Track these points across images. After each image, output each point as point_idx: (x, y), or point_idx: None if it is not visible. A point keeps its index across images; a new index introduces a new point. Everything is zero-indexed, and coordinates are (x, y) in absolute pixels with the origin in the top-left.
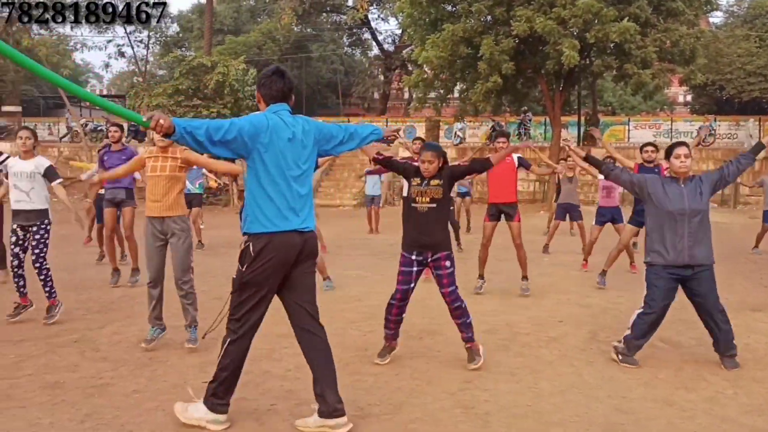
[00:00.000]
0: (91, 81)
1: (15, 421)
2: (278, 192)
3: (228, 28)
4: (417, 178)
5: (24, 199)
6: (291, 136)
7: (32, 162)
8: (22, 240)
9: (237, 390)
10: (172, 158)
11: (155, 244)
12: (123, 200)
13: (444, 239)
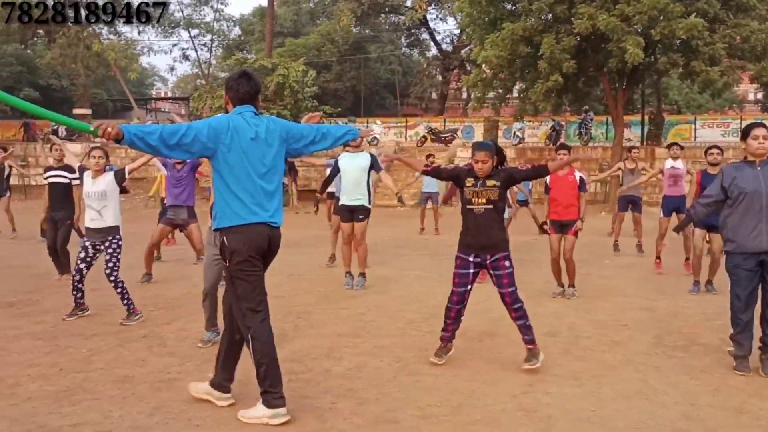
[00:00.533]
0: (156, 84)
1: (89, 413)
2: (244, 189)
3: (288, 30)
4: (471, 178)
5: (96, 217)
6: (254, 135)
7: (102, 180)
8: (90, 257)
9: (298, 388)
10: None
11: (212, 258)
12: (185, 220)
13: (502, 240)
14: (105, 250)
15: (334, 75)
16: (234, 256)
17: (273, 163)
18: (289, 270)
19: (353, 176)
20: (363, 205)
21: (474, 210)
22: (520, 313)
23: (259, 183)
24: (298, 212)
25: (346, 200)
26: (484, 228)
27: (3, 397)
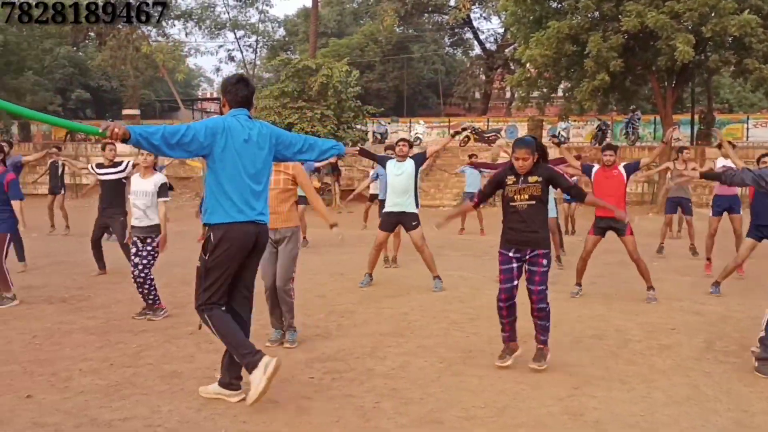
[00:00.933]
0: (202, 84)
1: (138, 407)
2: (235, 188)
3: (332, 30)
4: (512, 176)
5: (141, 216)
6: (247, 137)
7: (151, 181)
8: (141, 250)
9: (341, 387)
10: (284, 172)
11: (269, 254)
12: None
13: (544, 237)
14: (145, 246)
15: (377, 75)
16: (215, 251)
17: (263, 165)
18: (331, 269)
19: (401, 182)
20: (409, 212)
21: (517, 206)
22: (543, 314)
23: (249, 183)
24: (340, 211)
25: (392, 207)
26: (526, 223)
27: (57, 390)
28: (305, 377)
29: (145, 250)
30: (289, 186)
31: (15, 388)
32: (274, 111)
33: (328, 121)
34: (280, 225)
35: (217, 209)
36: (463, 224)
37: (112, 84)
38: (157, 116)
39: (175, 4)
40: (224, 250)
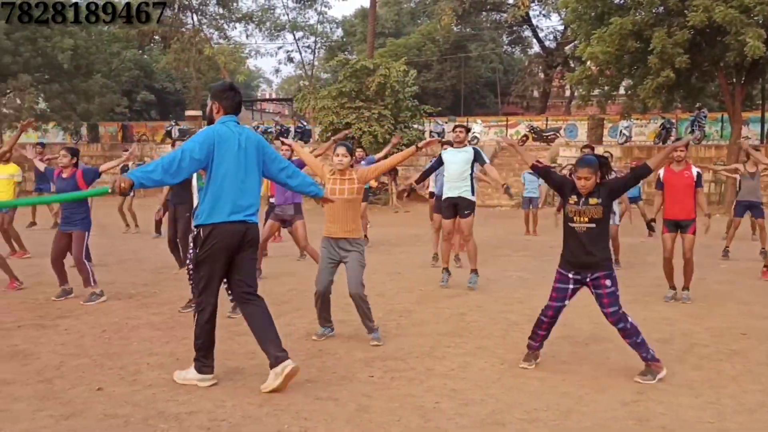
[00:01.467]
0: (261, 85)
1: (203, 401)
2: (228, 191)
3: (389, 30)
4: (574, 195)
5: None
6: (238, 144)
7: None
8: None
9: (401, 386)
10: (349, 180)
11: (328, 263)
12: (292, 216)
13: (604, 259)
14: None
15: (435, 74)
16: (204, 246)
17: (252, 168)
18: (389, 268)
19: (457, 168)
20: (466, 198)
21: (575, 228)
22: (626, 332)
23: (240, 187)
24: (397, 211)
25: (449, 192)
26: (585, 246)
27: (126, 383)
28: (365, 376)
29: None
30: (354, 195)
31: (87, 380)
32: (332, 111)
33: (386, 121)
34: (344, 235)
35: (209, 211)
36: (527, 227)
37: (175, 86)
38: None
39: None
40: (212, 246)
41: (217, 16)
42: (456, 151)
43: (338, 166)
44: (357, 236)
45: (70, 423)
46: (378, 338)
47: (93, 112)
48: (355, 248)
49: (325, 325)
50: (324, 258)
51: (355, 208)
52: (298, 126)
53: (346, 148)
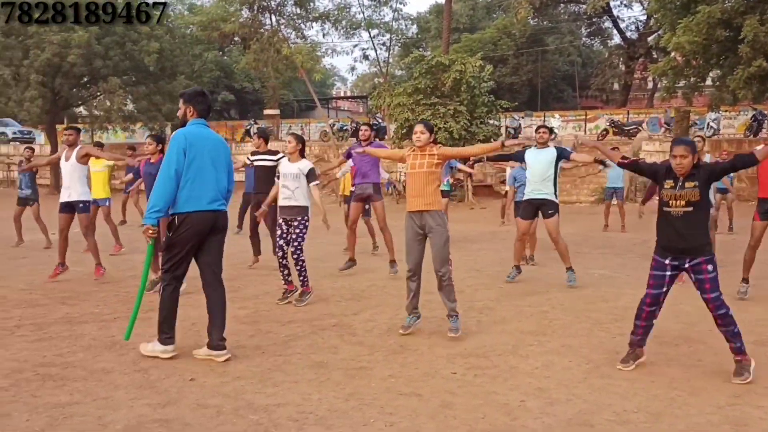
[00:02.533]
0: (336, 84)
1: (290, 394)
2: (199, 184)
3: (464, 26)
4: (670, 180)
5: (290, 196)
6: (209, 145)
7: (297, 164)
8: (285, 233)
9: (484, 383)
10: (429, 155)
11: (415, 238)
12: (371, 195)
13: (704, 243)
14: (293, 229)
15: (511, 69)
16: (178, 231)
17: (221, 164)
18: (468, 264)
19: (540, 169)
20: (550, 200)
21: (671, 213)
22: (726, 320)
23: (211, 180)
24: (473, 208)
25: (532, 194)
26: (682, 232)
27: (216, 375)
28: (447, 372)
29: (294, 232)
30: (433, 169)
31: (179, 371)
32: (407, 108)
33: (461, 117)
34: (424, 207)
35: (184, 200)
36: (607, 221)
37: (254, 85)
38: (294, 116)
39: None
40: (184, 231)
41: (295, 16)
42: (539, 151)
43: (417, 143)
44: (438, 208)
45: (166, 411)
46: (456, 329)
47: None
48: (437, 222)
49: (413, 313)
50: (409, 233)
51: (434, 181)
52: (373, 123)
53: (424, 125)
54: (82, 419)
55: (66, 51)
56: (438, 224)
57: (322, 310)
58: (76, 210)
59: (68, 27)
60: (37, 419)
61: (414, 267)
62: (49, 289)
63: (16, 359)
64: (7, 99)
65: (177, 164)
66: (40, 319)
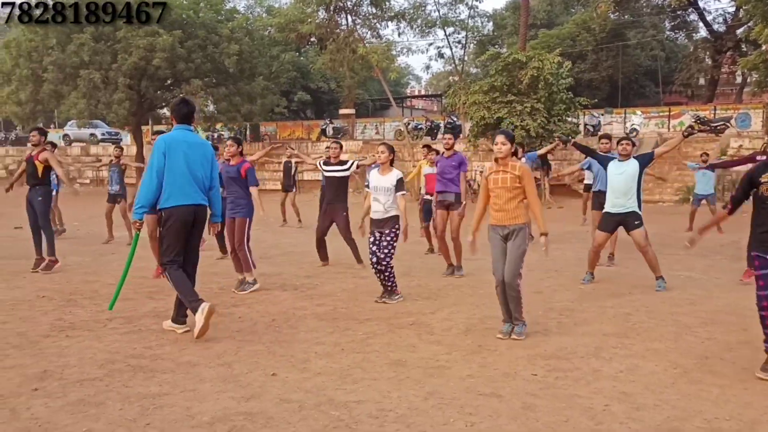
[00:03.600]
0: (410, 82)
1: (369, 391)
2: (180, 181)
3: (541, 21)
4: (766, 173)
5: (381, 210)
6: (187, 146)
7: (389, 177)
8: (378, 241)
9: (566, 386)
10: (511, 173)
11: (500, 251)
12: (451, 204)
13: None
14: (384, 237)
15: (590, 64)
16: (167, 223)
17: (201, 164)
18: (547, 265)
19: (621, 182)
20: (633, 212)
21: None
22: None
23: (190, 178)
24: (550, 207)
25: (613, 208)
26: None
27: (297, 370)
28: (528, 373)
29: (385, 240)
30: (516, 184)
31: (262, 365)
32: (483, 106)
33: (538, 115)
34: (508, 222)
35: (169, 198)
36: (692, 224)
37: (329, 85)
38: (369, 115)
39: (390, 5)
40: (171, 224)
41: (370, 16)
42: (621, 163)
43: (498, 153)
44: (521, 222)
45: (250, 404)
46: (521, 333)
47: (255, 113)
48: (518, 234)
49: (509, 320)
50: (495, 246)
51: (518, 196)
52: (448, 122)
53: (505, 136)
54: (171, 410)
55: (151, 54)
56: (518, 235)
57: (399, 308)
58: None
59: (153, 31)
60: (130, 409)
61: (501, 279)
62: (137, 284)
63: (109, 350)
64: (96, 101)
65: (158, 165)
66: (129, 312)
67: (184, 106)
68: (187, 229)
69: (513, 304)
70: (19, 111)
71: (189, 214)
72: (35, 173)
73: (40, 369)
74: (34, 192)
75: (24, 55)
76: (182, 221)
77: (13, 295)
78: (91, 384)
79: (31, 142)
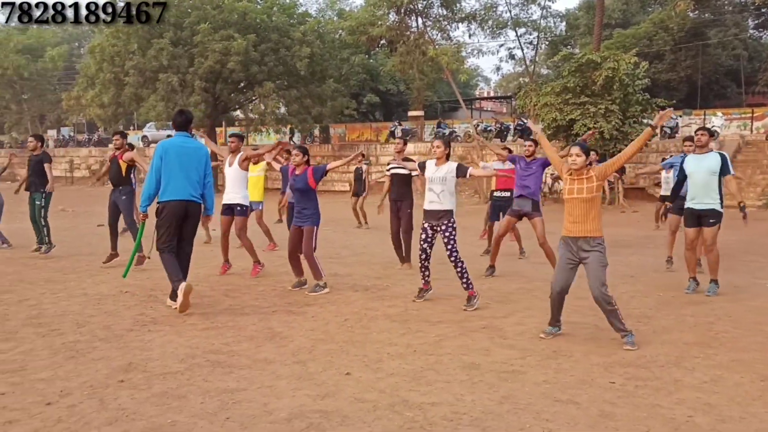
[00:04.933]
0: (479, 84)
1: (443, 394)
2: (174, 180)
3: (616, 21)
4: None
5: (435, 200)
6: (182, 151)
7: (444, 168)
8: (430, 237)
9: (647, 395)
10: (587, 179)
11: (566, 263)
12: (530, 212)
13: None
14: (442, 233)
15: (667, 65)
16: (161, 214)
17: (196, 165)
18: (621, 271)
19: (701, 178)
20: (713, 209)
21: None
22: None
23: (183, 177)
24: (624, 211)
25: (695, 205)
26: None
27: (371, 370)
28: (605, 381)
29: (444, 238)
30: (593, 194)
31: (335, 364)
32: (555, 107)
33: (613, 116)
34: (584, 234)
35: (164, 193)
36: None
37: (398, 87)
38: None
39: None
40: (166, 214)
41: (441, 18)
42: (699, 157)
43: (572, 165)
44: (597, 235)
45: (326, 403)
46: (632, 343)
47: (325, 115)
48: (596, 248)
49: (554, 325)
50: (562, 258)
51: (595, 207)
52: (518, 123)
53: (580, 148)
54: (249, 405)
55: (226, 58)
56: (596, 249)
57: (471, 312)
58: (234, 212)
59: (228, 35)
60: (210, 402)
61: (559, 290)
62: (214, 281)
63: (189, 345)
64: (174, 104)
65: (156, 166)
66: (207, 309)
67: (179, 116)
68: (178, 221)
69: (612, 318)
70: (101, 113)
71: (180, 208)
72: (119, 173)
73: (126, 361)
74: (117, 192)
75: (107, 60)
76: (174, 213)
77: (98, 290)
78: (173, 377)
79: (114, 146)
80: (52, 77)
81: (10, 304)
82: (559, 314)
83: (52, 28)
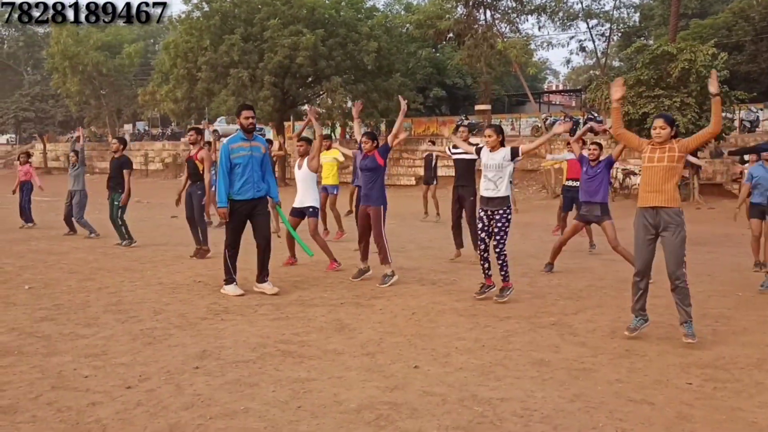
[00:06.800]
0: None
1: (512, 389)
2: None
3: (693, 11)
4: None
5: (491, 187)
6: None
7: (499, 154)
8: (487, 226)
9: (725, 397)
10: (669, 149)
11: (645, 237)
12: (599, 216)
13: None
14: (495, 223)
15: (748, 56)
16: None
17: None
18: (697, 269)
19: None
20: None
21: None
22: None
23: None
24: (699, 207)
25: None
26: None
27: (439, 364)
28: (682, 382)
29: (496, 226)
30: (674, 163)
31: (404, 357)
32: (627, 101)
33: (689, 110)
34: (662, 204)
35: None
36: None
37: (465, 81)
38: (505, 111)
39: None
40: (234, 211)
41: (510, 10)
42: None
43: (657, 138)
44: (675, 206)
45: (395, 395)
46: (692, 335)
47: (392, 109)
48: (674, 220)
49: (639, 315)
50: (639, 235)
51: (674, 177)
52: (588, 117)
53: (664, 119)
54: (319, 395)
55: (295, 53)
56: (675, 222)
57: (540, 308)
58: (306, 214)
59: (297, 30)
60: (281, 391)
61: (643, 268)
62: (283, 273)
63: (260, 335)
64: (244, 99)
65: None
66: (277, 300)
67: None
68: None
69: (680, 299)
70: (175, 108)
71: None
72: (196, 171)
73: (200, 349)
74: (195, 187)
75: (181, 56)
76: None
77: (173, 279)
78: (246, 366)
79: (189, 141)
80: (129, 73)
81: (92, 291)
82: (645, 302)
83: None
